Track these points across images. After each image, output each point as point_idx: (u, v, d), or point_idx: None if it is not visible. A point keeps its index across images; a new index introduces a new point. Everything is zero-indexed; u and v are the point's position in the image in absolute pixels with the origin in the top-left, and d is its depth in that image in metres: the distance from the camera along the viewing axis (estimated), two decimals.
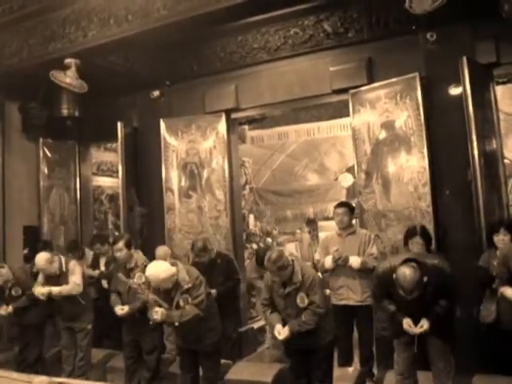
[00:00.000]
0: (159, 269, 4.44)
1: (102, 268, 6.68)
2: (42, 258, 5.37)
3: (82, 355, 5.48)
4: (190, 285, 4.50)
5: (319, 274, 5.05)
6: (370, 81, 5.94)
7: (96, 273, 6.67)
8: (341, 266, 5.15)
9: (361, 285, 5.14)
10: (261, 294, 4.99)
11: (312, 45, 6.27)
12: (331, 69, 6.19)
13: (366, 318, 5.22)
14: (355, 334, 5.42)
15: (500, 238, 4.52)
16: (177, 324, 4.46)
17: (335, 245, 5.22)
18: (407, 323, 3.93)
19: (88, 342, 5.53)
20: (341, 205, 5.54)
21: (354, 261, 5.07)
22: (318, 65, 6.33)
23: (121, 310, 5.06)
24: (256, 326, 7.19)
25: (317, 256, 5.50)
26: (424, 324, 3.88)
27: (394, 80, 5.65)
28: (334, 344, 4.56)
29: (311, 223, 12.55)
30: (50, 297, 5.39)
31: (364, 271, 5.07)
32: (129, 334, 5.21)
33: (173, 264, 4.54)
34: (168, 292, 4.52)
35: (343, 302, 5.21)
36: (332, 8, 5.79)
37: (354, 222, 5.58)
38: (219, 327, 4.76)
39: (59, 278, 5.43)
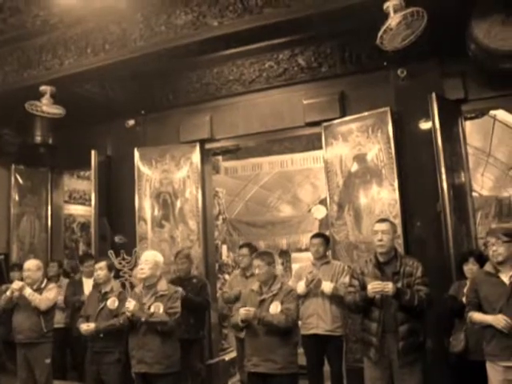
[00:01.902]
0: (156, 253, 4.87)
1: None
2: (32, 262, 5.53)
3: None
4: (166, 292, 4.56)
5: None
6: (343, 114, 6.06)
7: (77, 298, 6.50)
8: (313, 292, 5.16)
9: (331, 313, 5.14)
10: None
11: (286, 78, 6.40)
12: (305, 102, 6.31)
13: (336, 349, 5.21)
14: (327, 368, 5.39)
15: (469, 268, 4.62)
16: (143, 320, 4.41)
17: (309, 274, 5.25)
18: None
19: (47, 377, 5.35)
20: (317, 235, 5.61)
21: (327, 285, 5.10)
22: (292, 98, 6.45)
23: (86, 326, 4.96)
24: (227, 357, 7.11)
25: (289, 283, 5.50)
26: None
27: (365, 114, 5.78)
28: (295, 379, 4.42)
29: (284, 255, 12.53)
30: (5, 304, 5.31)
31: (335, 299, 5.10)
32: (91, 364, 5.06)
33: None
34: (140, 297, 4.59)
35: (312, 331, 5.18)
36: (306, 43, 5.94)
37: (328, 253, 5.63)
38: (178, 358, 4.64)
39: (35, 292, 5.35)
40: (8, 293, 5.28)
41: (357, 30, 5.36)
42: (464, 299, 4.36)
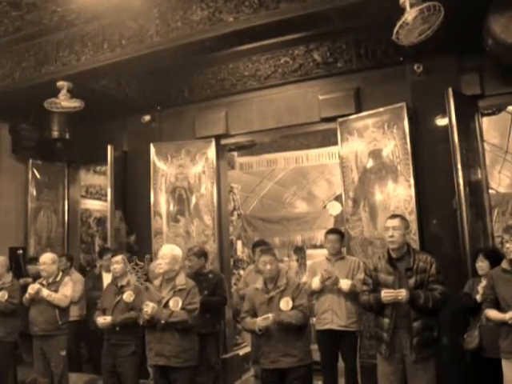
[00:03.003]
0: (174, 246, 4.84)
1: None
2: (47, 255, 5.57)
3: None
4: (184, 286, 4.53)
5: None
6: (358, 110, 6.05)
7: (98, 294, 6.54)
8: (328, 288, 5.13)
9: (346, 309, 5.11)
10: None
11: (301, 74, 6.40)
12: (320, 97, 6.30)
13: (351, 344, 5.19)
14: (341, 363, 5.38)
15: (479, 265, 4.61)
16: (163, 322, 4.39)
17: (323, 269, 5.23)
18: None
19: (63, 368, 5.41)
20: (333, 231, 5.54)
21: (344, 283, 5.06)
22: (307, 93, 6.45)
23: (103, 319, 4.99)
24: (241, 352, 7.13)
25: (304, 279, 5.49)
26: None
27: (381, 109, 5.76)
28: (310, 370, 4.42)
29: (299, 251, 12.53)
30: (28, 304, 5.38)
31: (350, 295, 5.06)
32: (108, 356, 5.11)
33: None
34: (159, 290, 4.57)
35: (327, 327, 5.15)
36: (322, 38, 5.92)
37: (343, 249, 5.61)
38: (196, 352, 4.65)
39: (50, 286, 5.41)
40: (27, 295, 5.36)
41: (373, 25, 5.36)
42: (478, 297, 4.36)
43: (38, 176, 7.75)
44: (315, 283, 5.14)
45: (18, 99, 6.38)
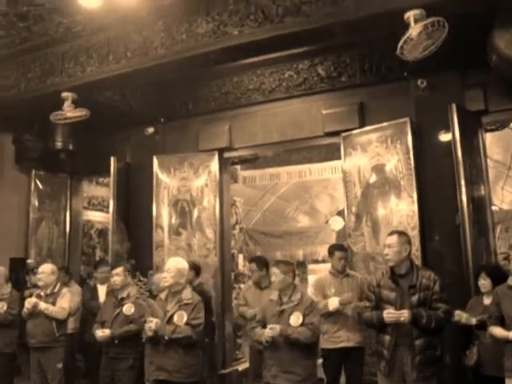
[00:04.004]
0: (180, 259, 4.79)
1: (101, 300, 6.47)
2: (46, 266, 5.56)
3: None
4: (190, 301, 4.46)
5: None
6: (362, 124, 6.05)
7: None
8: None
9: (358, 326, 5.01)
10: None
11: (306, 88, 6.41)
12: (324, 112, 6.31)
13: (358, 360, 5.12)
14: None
15: (481, 283, 4.56)
16: (166, 338, 4.31)
17: (332, 286, 5.16)
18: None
19: (59, 381, 5.34)
20: (340, 248, 5.41)
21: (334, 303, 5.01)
22: (311, 107, 6.46)
23: (102, 332, 4.94)
24: (241, 368, 7.06)
25: (314, 297, 5.38)
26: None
27: (385, 124, 5.76)
28: None
29: (300, 265, 12.46)
30: (27, 317, 5.34)
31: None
32: (106, 370, 5.04)
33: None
34: (164, 304, 4.51)
35: (342, 345, 5.05)
36: (326, 53, 5.95)
37: None
38: (199, 367, 4.56)
39: (48, 297, 5.38)
40: (25, 309, 5.32)
41: (377, 40, 5.37)
42: (474, 320, 4.33)
43: (40, 186, 7.74)
44: (333, 305, 5.01)
45: (23, 110, 6.40)
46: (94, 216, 9.58)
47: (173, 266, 4.57)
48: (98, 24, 5.16)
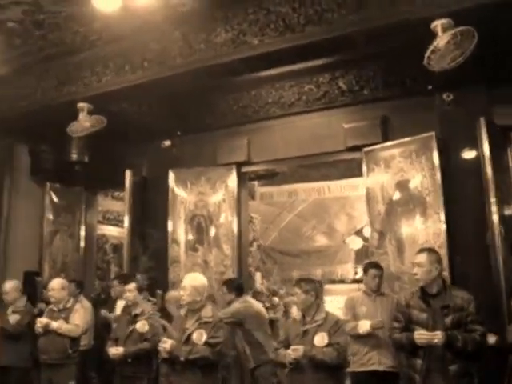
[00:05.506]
0: (196, 276, 4.61)
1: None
2: (57, 281, 5.48)
3: None
4: (210, 319, 4.27)
5: None
6: (385, 139, 5.88)
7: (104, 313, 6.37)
8: None
9: (392, 348, 4.73)
10: None
11: (326, 101, 6.25)
12: (345, 126, 6.15)
13: None
14: None
15: None
16: (182, 359, 4.13)
17: (364, 306, 4.97)
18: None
19: None
20: (375, 266, 5.21)
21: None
22: (332, 122, 6.30)
23: (115, 350, 4.81)
24: None
25: (344, 316, 5.06)
26: None
27: (409, 139, 5.59)
28: None
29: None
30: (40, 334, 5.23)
31: None
32: None
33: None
34: (183, 321, 4.35)
35: (373, 368, 4.81)
36: (347, 65, 5.77)
37: None
38: None
39: (60, 312, 5.31)
40: (39, 329, 5.22)
41: (401, 51, 5.18)
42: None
43: (55, 199, 7.65)
44: (364, 328, 4.80)
45: (38, 120, 6.31)
46: (110, 230, 9.52)
47: (187, 283, 4.41)
48: (115, 33, 5.06)
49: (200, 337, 4.18)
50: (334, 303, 7.97)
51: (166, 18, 4.74)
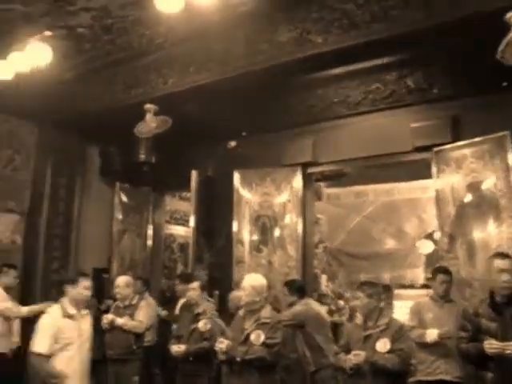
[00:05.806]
0: (256, 276, 4.60)
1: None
2: (122, 278, 5.69)
3: None
4: (268, 320, 4.26)
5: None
6: (455, 139, 5.64)
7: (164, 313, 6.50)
8: None
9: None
10: None
11: (393, 100, 6.07)
12: (412, 125, 5.95)
13: None
14: None
15: None
16: (238, 359, 4.14)
17: (431, 312, 4.75)
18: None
19: None
20: (444, 271, 4.95)
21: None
22: (399, 121, 6.12)
23: (178, 347, 4.89)
24: None
25: (410, 322, 4.85)
26: None
27: (482, 138, 5.33)
28: None
29: (386, 291, 11.88)
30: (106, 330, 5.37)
31: None
32: None
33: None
34: (242, 322, 4.35)
35: (440, 377, 4.57)
36: (416, 63, 5.58)
37: None
38: None
39: (125, 309, 5.46)
40: (106, 325, 5.37)
41: (471, 46, 4.95)
42: None
43: (124, 199, 7.88)
44: (431, 337, 4.57)
45: (108, 122, 6.53)
46: (177, 230, 9.67)
47: (247, 284, 4.42)
48: (179, 35, 5.10)
49: (258, 337, 4.17)
50: (404, 309, 7.68)
51: (227, 18, 4.72)
